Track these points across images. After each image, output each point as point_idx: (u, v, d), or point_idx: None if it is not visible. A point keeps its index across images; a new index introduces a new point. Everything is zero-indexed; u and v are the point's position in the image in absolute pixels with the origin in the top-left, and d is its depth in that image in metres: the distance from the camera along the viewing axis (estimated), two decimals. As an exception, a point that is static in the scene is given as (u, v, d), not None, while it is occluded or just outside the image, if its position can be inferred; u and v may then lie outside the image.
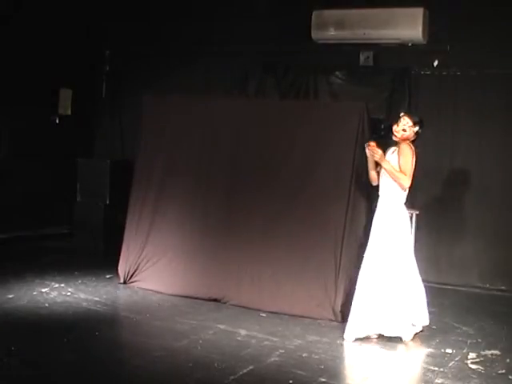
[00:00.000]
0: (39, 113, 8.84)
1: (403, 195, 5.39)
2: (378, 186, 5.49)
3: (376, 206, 5.49)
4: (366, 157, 5.44)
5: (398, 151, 5.31)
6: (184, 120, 6.71)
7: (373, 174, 5.49)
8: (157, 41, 8.97)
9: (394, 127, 5.36)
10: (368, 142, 5.37)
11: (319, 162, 6.07)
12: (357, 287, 5.36)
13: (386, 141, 5.65)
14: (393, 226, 5.31)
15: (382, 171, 5.38)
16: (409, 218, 5.49)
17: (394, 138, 5.40)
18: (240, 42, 8.38)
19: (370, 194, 6.04)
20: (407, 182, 5.28)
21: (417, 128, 5.33)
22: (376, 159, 5.32)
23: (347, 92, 8.01)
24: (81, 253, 8.10)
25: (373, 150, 5.28)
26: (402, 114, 5.44)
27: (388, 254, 5.28)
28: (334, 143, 6.02)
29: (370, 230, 5.99)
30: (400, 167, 5.26)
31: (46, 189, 8.83)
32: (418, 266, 7.38)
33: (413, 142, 5.39)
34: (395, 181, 5.29)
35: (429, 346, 5.26)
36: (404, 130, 5.32)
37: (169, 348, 4.89)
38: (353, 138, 5.90)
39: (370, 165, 5.46)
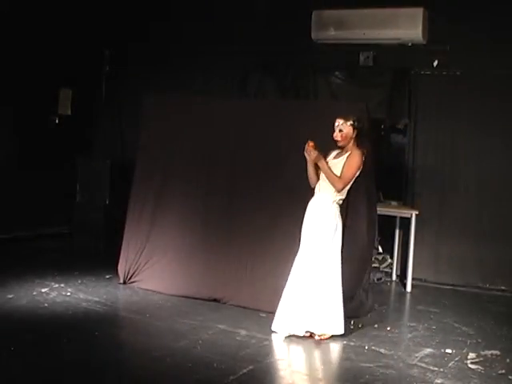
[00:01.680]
0: (39, 113, 8.85)
1: (337, 197, 5.35)
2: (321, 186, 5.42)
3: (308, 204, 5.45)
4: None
5: (349, 155, 5.30)
6: (184, 120, 6.71)
7: (311, 175, 5.44)
8: (157, 41, 8.97)
9: (334, 135, 5.34)
10: (307, 141, 5.33)
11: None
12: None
13: (387, 140, 5.62)
14: (320, 226, 5.29)
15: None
16: (340, 221, 5.39)
17: (338, 144, 5.38)
18: (240, 42, 8.38)
19: (371, 193, 6.05)
20: (339, 185, 5.26)
21: (350, 122, 5.31)
22: (311, 159, 5.31)
23: (347, 92, 8.02)
24: (81, 253, 8.10)
25: (308, 150, 5.29)
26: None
27: (310, 255, 5.28)
28: (334, 143, 6.00)
29: (370, 230, 5.99)
30: (342, 170, 5.26)
31: (45, 189, 8.82)
32: (419, 266, 7.45)
33: (357, 138, 5.35)
34: (329, 180, 5.28)
35: (429, 346, 5.26)
36: (341, 130, 5.33)
37: (168, 348, 4.89)
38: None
39: (309, 166, 5.42)
